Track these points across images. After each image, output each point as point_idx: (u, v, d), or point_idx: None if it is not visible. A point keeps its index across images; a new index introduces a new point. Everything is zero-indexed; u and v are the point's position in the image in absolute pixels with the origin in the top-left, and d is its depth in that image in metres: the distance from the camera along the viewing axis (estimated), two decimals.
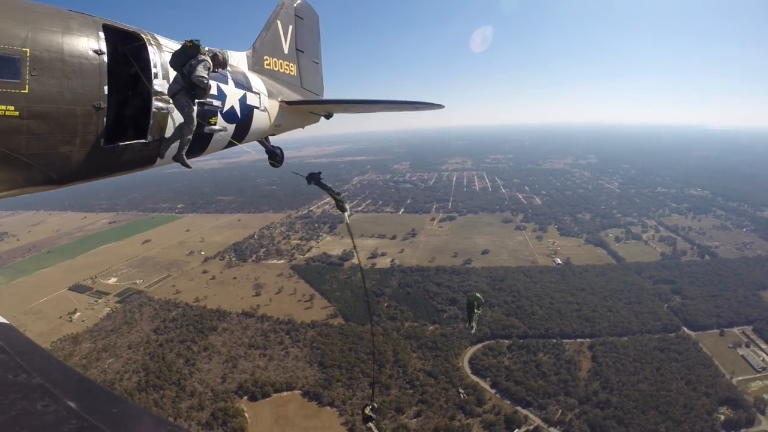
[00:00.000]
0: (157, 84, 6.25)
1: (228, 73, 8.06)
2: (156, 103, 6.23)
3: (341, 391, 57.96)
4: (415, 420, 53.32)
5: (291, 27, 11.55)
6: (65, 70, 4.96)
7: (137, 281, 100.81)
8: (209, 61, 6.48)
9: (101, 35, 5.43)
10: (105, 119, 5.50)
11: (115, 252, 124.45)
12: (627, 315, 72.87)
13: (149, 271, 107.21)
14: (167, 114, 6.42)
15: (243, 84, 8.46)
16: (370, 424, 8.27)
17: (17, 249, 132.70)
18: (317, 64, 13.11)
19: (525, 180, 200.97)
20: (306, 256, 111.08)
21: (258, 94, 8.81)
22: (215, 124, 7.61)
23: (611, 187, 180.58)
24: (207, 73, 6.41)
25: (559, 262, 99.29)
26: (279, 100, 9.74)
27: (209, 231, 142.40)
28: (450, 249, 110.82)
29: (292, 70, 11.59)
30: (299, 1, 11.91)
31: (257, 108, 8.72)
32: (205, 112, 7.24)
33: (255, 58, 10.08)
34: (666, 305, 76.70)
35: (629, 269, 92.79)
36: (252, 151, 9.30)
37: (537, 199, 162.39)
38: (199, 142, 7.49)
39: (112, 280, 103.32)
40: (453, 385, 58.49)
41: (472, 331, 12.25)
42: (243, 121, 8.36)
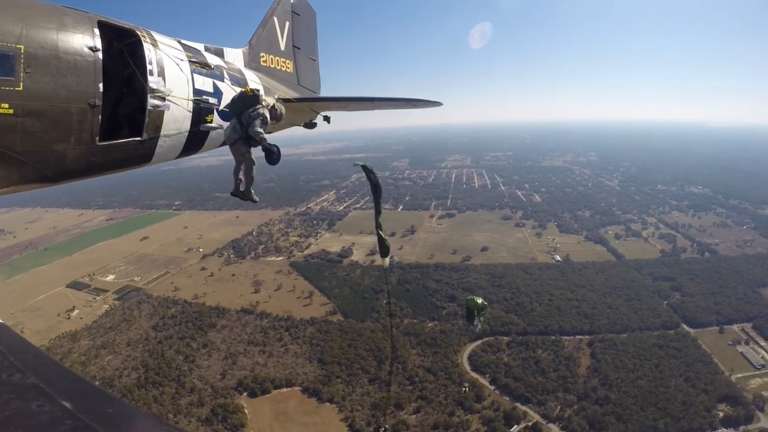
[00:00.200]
0: (153, 81, 6.19)
1: (224, 70, 8.01)
2: (151, 101, 6.17)
3: (341, 388, 58.17)
4: (415, 416, 53.52)
5: (288, 23, 11.47)
6: (60, 67, 4.89)
7: (135, 278, 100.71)
8: (267, 116, 6.97)
9: (96, 32, 5.36)
10: (100, 117, 5.45)
11: (113, 249, 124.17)
12: (626, 312, 72.97)
13: (147, 269, 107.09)
14: (162, 112, 6.37)
15: (239, 81, 8.42)
16: None
17: (14, 246, 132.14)
18: (314, 61, 13.03)
19: (525, 177, 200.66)
20: (305, 253, 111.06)
21: None
22: (211, 122, 7.57)
23: (611, 185, 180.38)
24: (264, 129, 6.98)
25: (559, 259, 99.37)
26: (275, 97, 9.68)
27: (207, 228, 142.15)
28: (449, 246, 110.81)
29: (288, 67, 11.51)
30: None
31: None
32: (201, 110, 7.21)
33: (251, 55, 10.02)
34: (665, 302, 76.77)
35: (629, 266, 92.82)
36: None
37: (536, 197, 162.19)
38: (195, 140, 7.47)
39: (110, 277, 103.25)
40: (452, 382, 58.76)
41: (476, 331, 12.31)
42: None
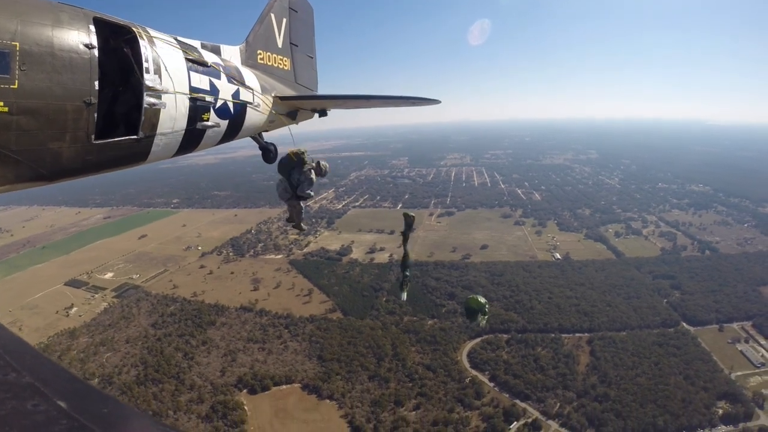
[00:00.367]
0: (149, 79, 6.12)
1: (221, 68, 7.97)
2: (147, 99, 6.11)
3: (340, 384, 58.39)
4: (414, 412, 53.75)
5: (285, 20, 11.37)
6: (55, 64, 4.81)
7: (134, 276, 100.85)
8: (314, 177, 7.76)
9: (92, 28, 5.29)
10: (96, 115, 5.41)
11: (111, 247, 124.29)
12: (626, 310, 73.11)
13: (146, 266, 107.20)
14: (158, 110, 6.31)
15: (236, 79, 8.33)
16: None
17: (11, 244, 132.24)
18: (312, 58, 12.93)
19: (524, 175, 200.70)
20: (304, 251, 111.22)
21: (251, 89, 8.66)
22: (208, 120, 7.51)
23: (611, 183, 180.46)
24: (312, 188, 8.44)
25: (559, 257, 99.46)
26: (272, 95, 9.59)
27: (206, 226, 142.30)
28: (449, 244, 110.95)
29: (285, 64, 11.43)
30: None
31: (250, 104, 8.58)
32: (198, 107, 7.16)
33: (248, 52, 9.93)
34: (665, 300, 76.92)
35: (629, 264, 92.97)
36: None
37: (536, 195, 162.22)
38: (191, 138, 7.42)
39: (108, 275, 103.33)
40: (452, 379, 58.90)
41: (482, 325, 12.56)
42: (236, 117, 8.21)
